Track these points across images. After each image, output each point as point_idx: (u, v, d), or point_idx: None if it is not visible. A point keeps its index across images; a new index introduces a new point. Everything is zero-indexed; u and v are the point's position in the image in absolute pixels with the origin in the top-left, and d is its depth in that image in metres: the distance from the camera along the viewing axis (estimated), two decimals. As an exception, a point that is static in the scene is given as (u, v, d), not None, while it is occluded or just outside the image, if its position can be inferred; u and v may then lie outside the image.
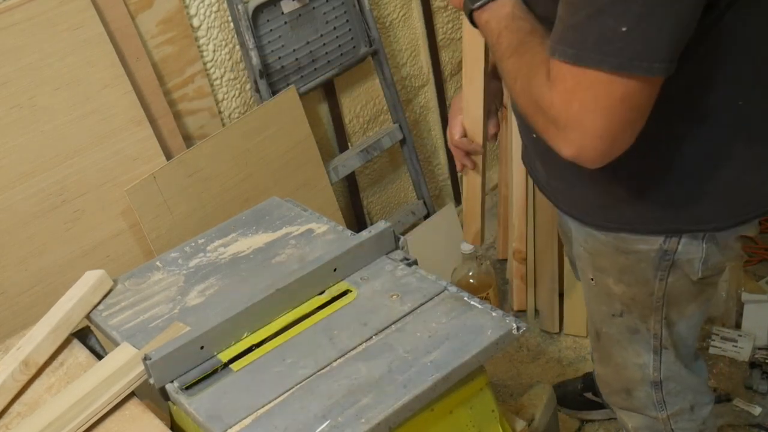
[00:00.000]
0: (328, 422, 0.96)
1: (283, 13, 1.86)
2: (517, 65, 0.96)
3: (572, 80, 0.86)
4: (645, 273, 1.19)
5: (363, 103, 2.19)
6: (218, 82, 1.84)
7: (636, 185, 1.08)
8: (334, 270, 1.19)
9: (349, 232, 1.32)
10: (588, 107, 0.86)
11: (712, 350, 2.00)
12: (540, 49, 0.93)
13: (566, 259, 2.12)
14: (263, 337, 1.12)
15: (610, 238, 1.18)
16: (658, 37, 0.82)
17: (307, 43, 1.93)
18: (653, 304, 1.23)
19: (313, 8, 1.92)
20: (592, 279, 1.28)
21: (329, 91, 2.07)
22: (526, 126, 1.15)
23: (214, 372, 1.08)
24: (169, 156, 1.70)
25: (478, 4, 1.01)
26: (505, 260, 2.37)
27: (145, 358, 1.05)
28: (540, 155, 1.22)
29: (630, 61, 0.82)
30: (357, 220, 2.26)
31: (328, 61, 1.99)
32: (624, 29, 0.81)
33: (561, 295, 2.16)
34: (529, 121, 0.98)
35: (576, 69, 0.85)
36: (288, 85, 1.88)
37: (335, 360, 1.06)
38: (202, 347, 1.08)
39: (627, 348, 1.32)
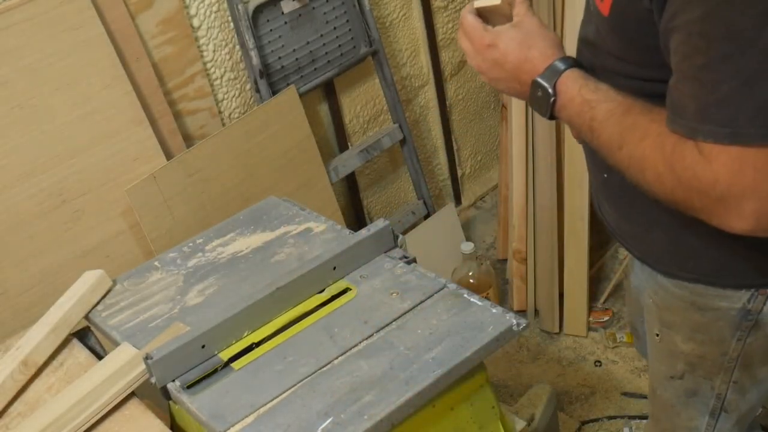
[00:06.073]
0: (330, 419, 0.96)
1: (283, 13, 1.86)
2: (619, 134, 0.89)
3: (735, 159, 0.79)
4: (721, 332, 1.08)
5: (363, 103, 2.19)
6: (218, 82, 1.84)
7: (717, 230, 0.87)
8: (334, 268, 1.19)
9: (347, 230, 1.32)
10: (763, 178, 0.78)
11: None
12: (646, 118, 0.87)
13: (566, 259, 2.12)
14: (264, 336, 1.12)
15: (685, 291, 1.08)
16: None
17: (307, 43, 1.93)
18: (724, 364, 1.12)
19: (313, 8, 1.92)
20: (658, 335, 1.18)
21: (329, 91, 2.07)
22: (596, 165, 1.09)
23: (215, 371, 1.08)
24: (169, 156, 1.70)
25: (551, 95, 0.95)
26: (505, 260, 2.37)
27: (147, 358, 1.05)
28: (610, 197, 1.12)
29: None
30: (357, 220, 2.26)
31: (328, 61, 1.99)
32: None
33: (561, 295, 2.16)
34: (670, 200, 0.88)
35: (735, 148, 0.78)
36: (288, 85, 1.88)
37: (336, 358, 1.06)
38: (203, 346, 1.08)
39: (680, 413, 1.23)
